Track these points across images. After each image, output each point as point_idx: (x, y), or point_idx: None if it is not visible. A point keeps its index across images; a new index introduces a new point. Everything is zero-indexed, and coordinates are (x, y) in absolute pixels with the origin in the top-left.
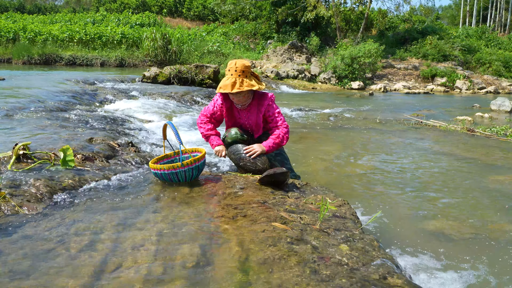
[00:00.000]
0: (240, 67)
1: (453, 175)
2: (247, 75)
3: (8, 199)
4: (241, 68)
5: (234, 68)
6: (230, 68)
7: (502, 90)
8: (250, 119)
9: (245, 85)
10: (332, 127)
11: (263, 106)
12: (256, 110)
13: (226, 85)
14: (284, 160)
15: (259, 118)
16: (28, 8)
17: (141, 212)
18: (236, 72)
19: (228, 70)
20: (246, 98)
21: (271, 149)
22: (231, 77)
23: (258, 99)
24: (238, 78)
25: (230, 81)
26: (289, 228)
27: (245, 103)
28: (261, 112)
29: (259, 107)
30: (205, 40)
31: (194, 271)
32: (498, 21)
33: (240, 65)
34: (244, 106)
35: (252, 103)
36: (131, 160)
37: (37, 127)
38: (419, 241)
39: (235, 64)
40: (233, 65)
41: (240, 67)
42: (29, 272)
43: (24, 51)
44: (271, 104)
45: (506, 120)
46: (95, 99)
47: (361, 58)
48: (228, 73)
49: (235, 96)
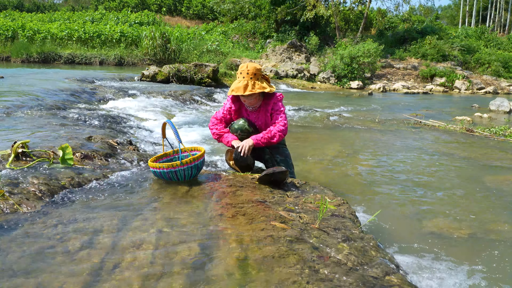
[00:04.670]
0: (251, 70)
1: (451, 175)
2: (258, 78)
3: (7, 197)
4: (253, 71)
5: (246, 71)
6: (242, 71)
7: (501, 90)
8: (260, 120)
9: (257, 87)
10: (331, 127)
11: (269, 105)
12: (264, 110)
13: (239, 87)
14: (286, 158)
15: (268, 117)
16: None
17: (140, 210)
18: (248, 75)
19: (239, 73)
20: (257, 100)
21: (259, 142)
22: (243, 79)
23: (267, 100)
24: (250, 80)
25: (242, 83)
26: (288, 227)
27: (255, 105)
28: (268, 111)
29: (267, 107)
30: (204, 39)
31: (193, 270)
32: (497, 21)
33: (251, 68)
34: (255, 108)
35: (262, 104)
36: (130, 159)
37: (36, 125)
38: (418, 241)
39: (247, 67)
40: (244, 68)
41: (252, 70)
42: (28, 270)
43: (23, 50)
44: (276, 102)
45: (505, 121)
46: (94, 98)
47: (360, 58)
48: (240, 76)
49: (246, 99)
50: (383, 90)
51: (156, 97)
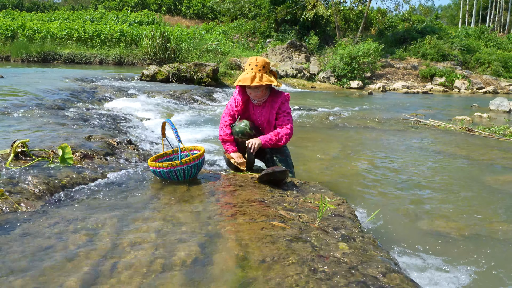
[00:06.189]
0: (261, 62)
1: (451, 174)
2: (266, 71)
3: (6, 196)
4: (262, 63)
5: (255, 63)
6: (250, 63)
7: (501, 90)
8: (263, 115)
9: (265, 79)
10: (331, 126)
11: (276, 103)
12: (270, 106)
13: (246, 78)
14: (286, 157)
15: (272, 114)
16: (26, 5)
17: (139, 210)
18: (256, 67)
19: (248, 64)
20: (263, 93)
21: (267, 143)
22: (251, 71)
23: (273, 97)
24: (258, 72)
25: (250, 75)
26: (288, 226)
27: (261, 99)
28: (274, 109)
29: (273, 103)
30: (204, 38)
31: (193, 269)
32: (497, 21)
33: (260, 61)
34: (260, 102)
35: (267, 100)
36: (129, 158)
37: (36, 125)
38: (417, 240)
39: (256, 59)
40: (253, 60)
41: (261, 62)
42: (27, 269)
43: (23, 49)
44: (284, 103)
45: (504, 120)
46: (93, 97)
47: (360, 58)
48: (248, 68)
49: (253, 91)
50: (383, 89)
51: (156, 96)
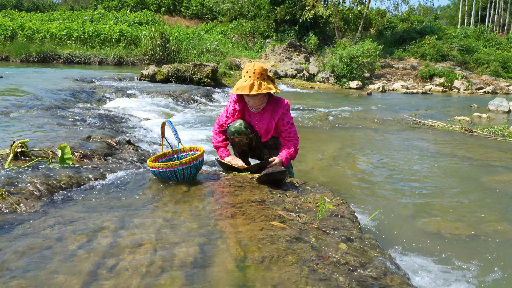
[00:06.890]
0: (258, 69)
1: (451, 174)
2: (264, 78)
3: (5, 196)
4: (260, 70)
5: (253, 70)
6: (248, 70)
7: (500, 90)
8: (261, 123)
9: (263, 87)
10: (330, 127)
11: (277, 113)
12: (269, 115)
13: (244, 86)
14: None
15: (271, 124)
16: (26, 6)
17: (139, 210)
18: (254, 74)
19: (246, 72)
20: (262, 101)
21: (286, 162)
22: (249, 79)
23: (273, 105)
24: (256, 80)
25: (248, 83)
26: (287, 226)
27: (260, 106)
28: (274, 119)
29: (273, 113)
30: (203, 38)
31: (192, 270)
32: (496, 21)
33: (258, 68)
34: (258, 109)
35: (266, 107)
36: (129, 158)
37: (35, 125)
38: (417, 241)
39: (254, 66)
40: (251, 67)
41: (259, 69)
42: (26, 270)
43: (22, 49)
44: (285, 113)
45: (504, 120)
46: (93, 97)
47: (360, 58)
48: (246, 75)
49: (251, 99)
50: (382, 90)
51: (155, 96)
